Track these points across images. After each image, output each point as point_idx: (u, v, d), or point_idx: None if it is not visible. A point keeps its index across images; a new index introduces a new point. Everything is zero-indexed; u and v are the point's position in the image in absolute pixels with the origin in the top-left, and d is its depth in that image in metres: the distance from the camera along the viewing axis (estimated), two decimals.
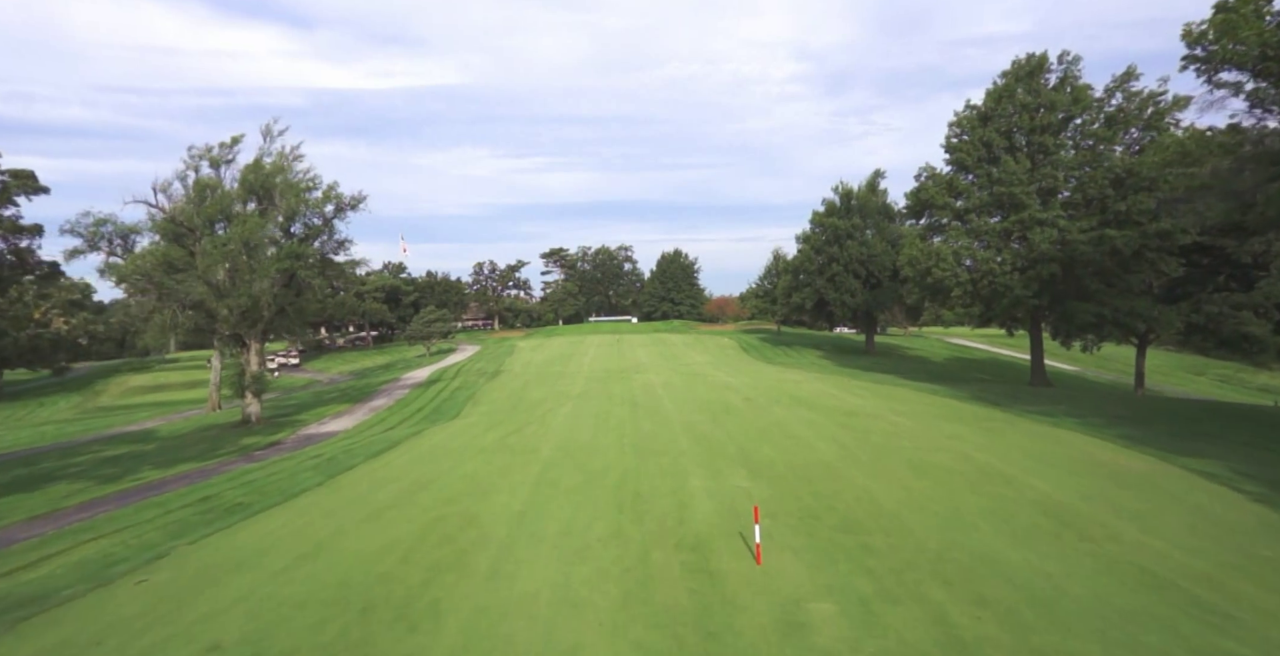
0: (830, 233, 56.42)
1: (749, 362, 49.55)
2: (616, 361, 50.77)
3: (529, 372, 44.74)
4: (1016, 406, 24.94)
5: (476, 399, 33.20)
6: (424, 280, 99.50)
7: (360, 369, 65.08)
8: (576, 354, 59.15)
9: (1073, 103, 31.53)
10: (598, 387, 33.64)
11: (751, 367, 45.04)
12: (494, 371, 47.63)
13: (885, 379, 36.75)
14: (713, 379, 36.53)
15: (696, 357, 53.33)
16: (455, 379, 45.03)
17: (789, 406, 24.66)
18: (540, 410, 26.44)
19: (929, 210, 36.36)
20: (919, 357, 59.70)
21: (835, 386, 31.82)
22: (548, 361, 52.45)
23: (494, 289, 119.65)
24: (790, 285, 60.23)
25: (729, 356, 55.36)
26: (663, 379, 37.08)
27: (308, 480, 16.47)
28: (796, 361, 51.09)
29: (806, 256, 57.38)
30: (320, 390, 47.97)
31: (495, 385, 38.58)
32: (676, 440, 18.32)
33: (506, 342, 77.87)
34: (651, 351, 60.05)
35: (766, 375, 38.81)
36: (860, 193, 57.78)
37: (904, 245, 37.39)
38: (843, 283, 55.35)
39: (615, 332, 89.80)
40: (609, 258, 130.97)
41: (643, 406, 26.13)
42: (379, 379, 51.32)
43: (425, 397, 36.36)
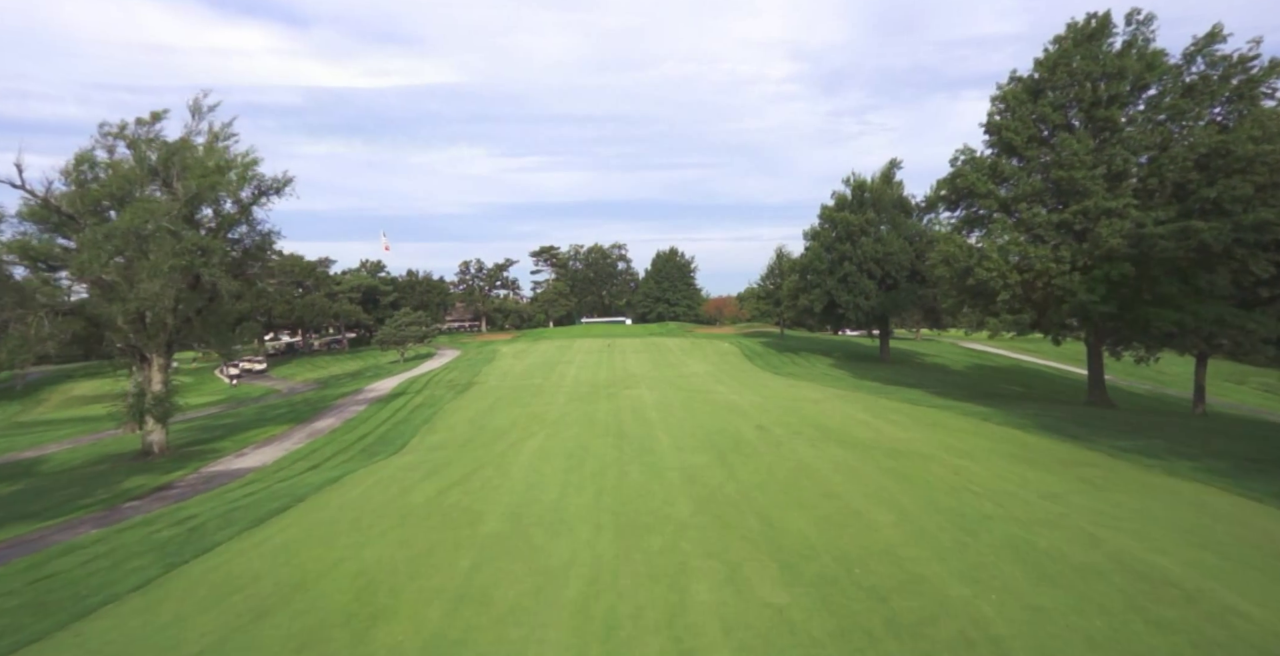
0: (842, 228, 51.26)
1: (754, 373, 44.34)
2: (606, 371, 45.51)
3: (504, 386, 39.43)
4: (1100, 440, 19.75)
5: (434, 423, 27.87)
6: (404, 279, 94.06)
7: (327, 377, 59.65)
8: (562, 361, 53.84)
9: (1146, 69, 26.40)
10: (579, 409, 28.38)
11: (758, 380, 39.84)
12: (466, 383, 42.30)
13: (915, 396, 31.58)
14: (715, 396, 31.31)
15: (695, 366, 48.10)
16: (421, 392, 39.69)
17: (815, 441, 19.44)
18: (503, 443, 21.15)
19: (966, 200, 31.19)
20: (937, 366, 54.64)
21: (862, 407, 26.64)
22: (529, 371, 47.16)
23: (481, 289, 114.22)
24: (797, 286, 55.06)
25: (731, 365, 50.14)
26: (657, 396, 31.84)
27: (128, 578, 11.15)
28: (806, 371, 45.90)
29: (815, 254, 52.21)
30: (271, 404, 42.56)
31: (462, 403, 33.26)
32: (673, 502, 13.08)
33: (489, 347, 72.53)
34: (645, 359, 54.80)
35: (777, 391, 33.60)
36: (874, 185, 52.65)
37: (938, 241, 32.20)
38: (856, 283, 50.19)
39: (607, 336, 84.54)
40: (602, 256, 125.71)
41: (631, 439, 20.86)
42: (339, 391, 45.94)
43: (377, 419, 31.02)
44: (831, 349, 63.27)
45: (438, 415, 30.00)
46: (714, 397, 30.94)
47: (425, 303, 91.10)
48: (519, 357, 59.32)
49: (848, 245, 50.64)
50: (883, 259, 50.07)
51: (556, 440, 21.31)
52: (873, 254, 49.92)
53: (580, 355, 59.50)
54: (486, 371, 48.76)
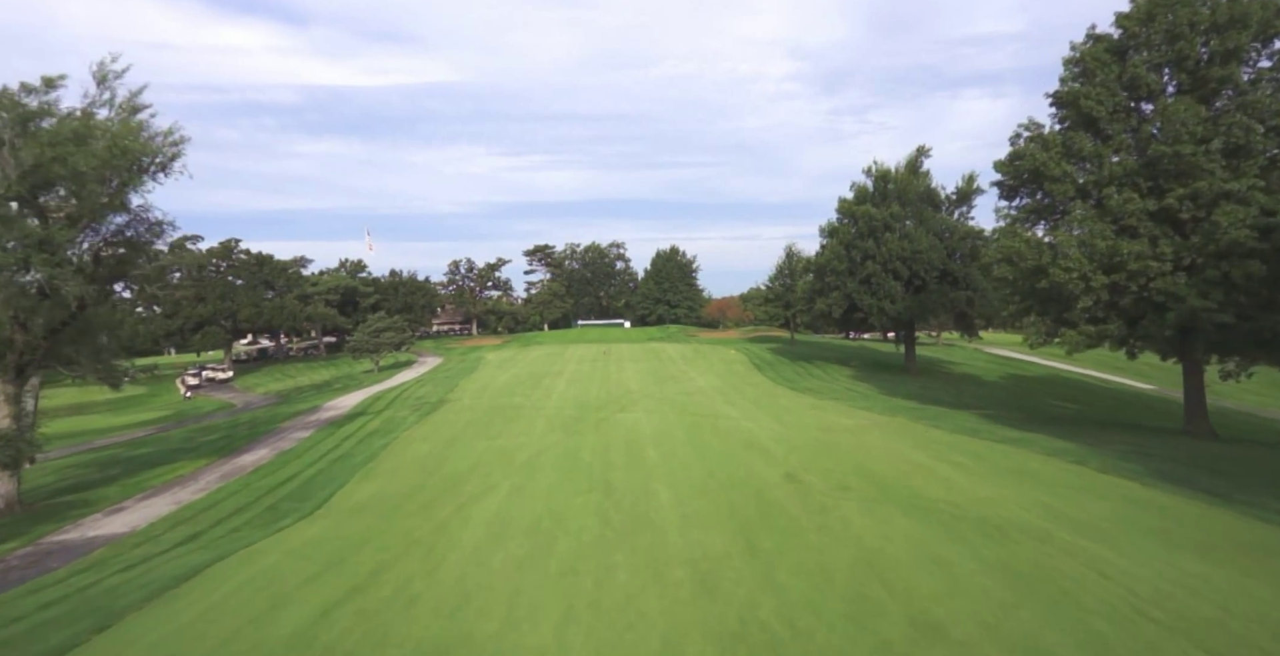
0: (864, 224, 45.72)
1: (767, 388, 38.81)
2: (598, 386, 39.98)
3: (479, 406, 33.89)
4: (1266, 501, 14.20)
5: (377, 463, 22.31)
6: (386, 280, 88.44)
7: (292, 388, 54.09)
8: (551, 372, 48.30)
9: (1276, 15, 20.89)
10: (560, 444, 22.86)
11: (773, 398, 34.32)
12: (437, 401, 36.75)
13: (968, 423, 26.05)
14: (727, 423, 25.81)
15: (699, 380, 42.57)
16: (382, 414, 34.14)
17: (871, 503, 13.98)
18: (449, 505, 15.66)
19: (1031, 185, 25.64)
20: (968, 376, 49.14)
21: (912, 442, 21.13)
22: (511, 385, 41.62)
23: (472, 290, 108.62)
24: (813, 288, 49.52)
25: (739, 377, 44.61)
26: (656, 423, 26.34)
27: None
28: (826, 386, 40.37)
29: (834, 253, 46.67)
30: (210, 425, 37.02)
31: (422, 431, 27.71)
32: (682, 643, 7.61)
33: (474, 354, 66.96)
34: (644, 369, 49.26)
35: (799, 415, 28.10)
36: (899, 175, 47.14)
37: (998, 236, 26.58)
38: (880, 285, 44.65)
39: (603, 341, 79.02)
40: (600, 256, 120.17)
41: (621, 498, 15.39)
42: (295, 408, 40.41)
43: (315, 452, 25.48)
44: (848, 356, 57.73)
45: (388, 449, 24.46)
46: (725, 425, 25.43)
47: (410, 305, 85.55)
48: (504, 367, 53.76)
49: (870, 242, 45.11)
50: (910, 257, 44.56)
51: (521, 499, 15.81)
52: (899, 252, 44.40)
53: (572, 364, 53.95)
54: (464, 385, 43.20)
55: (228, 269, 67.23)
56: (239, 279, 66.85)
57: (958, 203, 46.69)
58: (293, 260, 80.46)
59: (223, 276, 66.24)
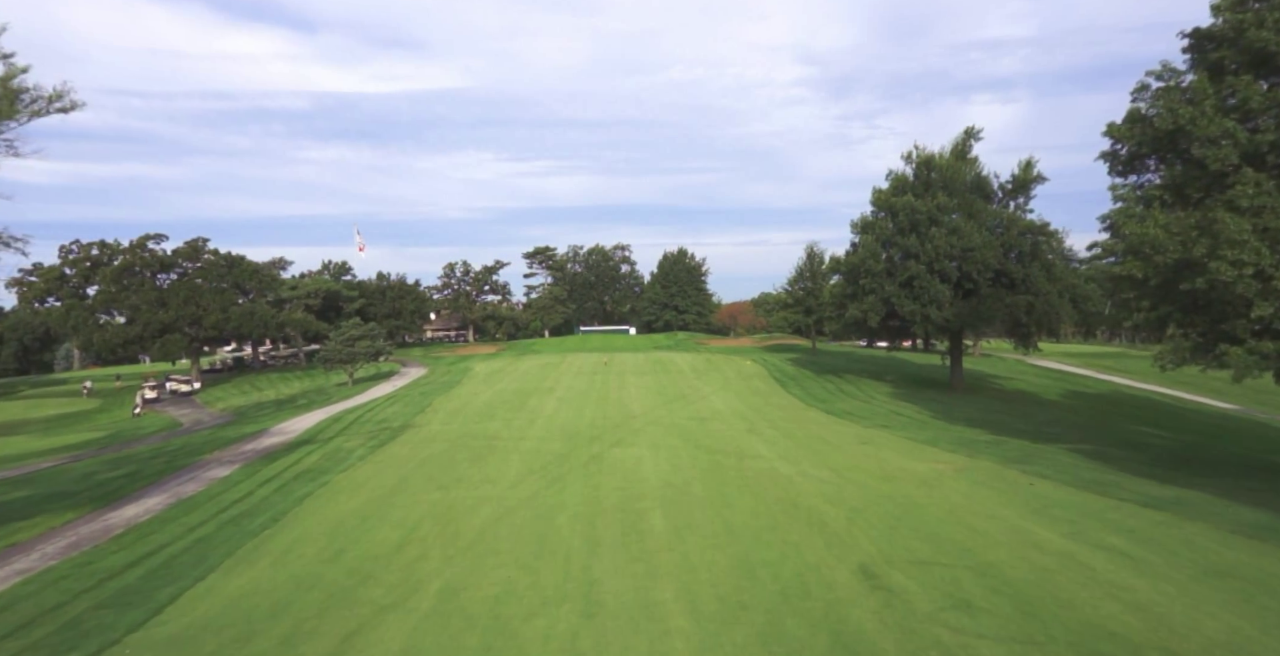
0: (904, 218, 39.40)
1: (799, 411, 32.46)
2: (595, 406, 33.71)
3: (446, 434, 27.69)
4: None
5: (280, 528, 16.10)
6: (373, 284, 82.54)
7: (255, 404, 48.13)
8: (542, 388, 42.07)
9: None
10: (532, 501, 16.65)
11: (808, 425, 28.01)
12: (400, 426, 30.61)
13: (1077, 468, 19.67)
14: (758, 466, 19.57)
15: (715, 398, 36.25)
16: (330, 442, 28.01)
17: (1017, 641, 7.79)
18: (332, 635, 9.51)
19: (1165, 152, 19.33)
20: (1024, 394, 42.65)
21: (1023, 506, 14.83)
22: (492, 405, 35.39)
23: (468, 294, 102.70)
24: (844, 292, 43.16)
25: (762, 395, 38.28)
26: (665, 466, 20.09)
27: None
28: (868, 407, 33.98)
29: (870, 252, 40.33)
30: (128, 454, 30.97)
31: (361, 474, 21.51)
32: None
33: (462, 364, 60.85)
34: (650, 384, 42.98)
35: (850, 452, 21.79)
36: (944, 161, 40.85)
37: (1116, 220, 20.10)
38: (926, 288, 38.28)
39: (606, 349, 72.80)
40: (604, 258, 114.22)
41: (606, 620, 9.28)
42: (240, 431, 34.37)
43: (213, 506, 19.29)
44: (880, 369, 51.28)
45: (306, 503, 18.26)
46: (756, 470, 19.15)
47: (398, 310, 79.66)
48: (491, 381, 47.58)
49: (913, 239, 38.78)
50: (960, 256, 38.22)
51: (450, 624, 9.68)
52: (946, 250, 38.06)
53: (568, 378, 47.73)
54: (439, 404, 37.03)
55: (196, 271, 61.50)
56: (207, 281, 61.08)
57: (1013, 192, 40.36)
58: (271, 262, 74.90)
59: (189, 279, 60.50)
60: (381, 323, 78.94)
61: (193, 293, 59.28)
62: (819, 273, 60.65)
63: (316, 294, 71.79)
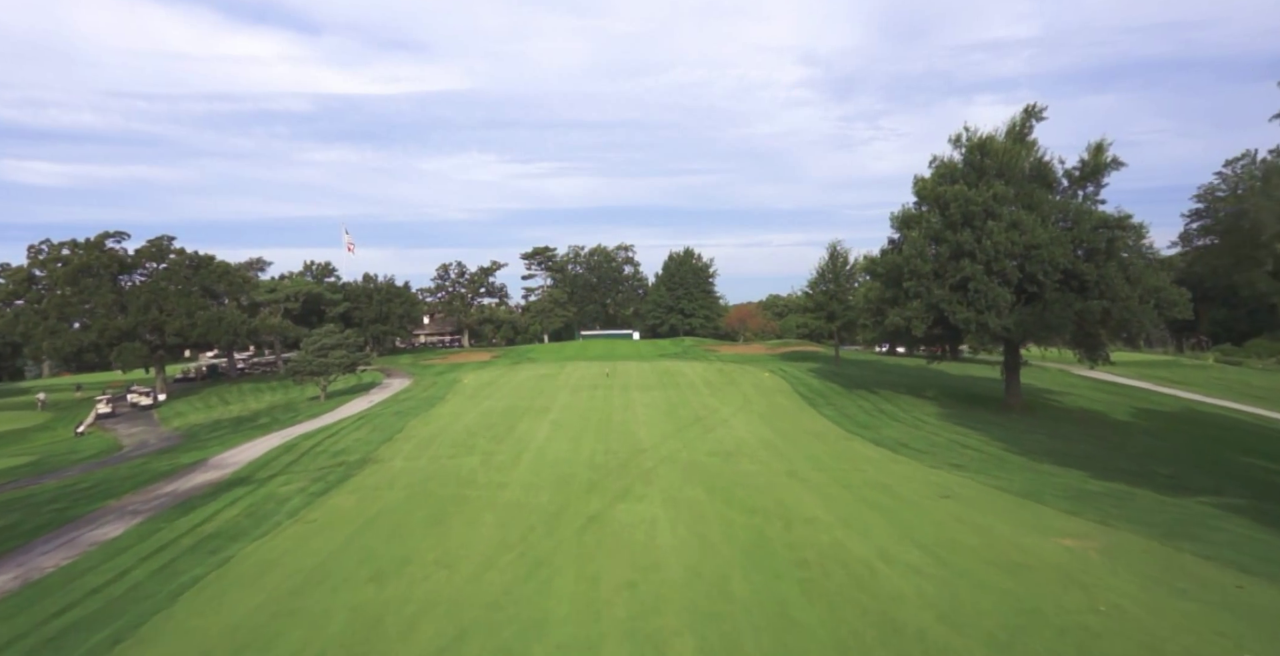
0: (958, 210, 33.88)
1: (841, 441, 26.91)
2: (594, 435, 28.21)
3: (408, 478, 22.20)
4: None
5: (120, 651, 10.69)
6: (358, 286, 77.19)
7: (212, 422, 42.78)
8: (535, 407, 36.58)
9: None
10: (495, 612, 11.18)
11: (859, 464, 22.50)
12: (357, 461, 25.19)
13: (1252, 540, 14.22)
14: (816, 539, 14.10)
15: (737, 422, 30.76)
16: (265, 486, 22.59)
17: None
18: None
19: None
20: (1091, 414, 37.07)
21: (1255, 632, 9.36)
22: (473, 431, 29.90)
23: (463, 297, 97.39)
24: (880, 297, 37.61)
25: (790, 417, 32.77)
26: (688, 532, 14.69)
27: None
28: (920, 434, 28.43)
29: (916, 249, 34.78)
30: (28, 492, 25.54)
31: (277, 545, 16.08)
32: None
33: (450, 375, 55.40)
34: (658, 403, 37.48)
35: (929, 510, 16.29)
36: (1000, 145, 35.33)
37: None
38: (983, 292, 32.75)
39: (608, 357, 67.40)
40: (606, 259, 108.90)
41: None
42: (174, 461, 29.01)
43: (60, 600, 13.90)
44: (916, 382, 45.72)
45: (179, 602, 12.85)
46: (816, 546, 13.69)
47: (385, 314, 74.34)
48: (478, 397, 42.12)
49: (966, 235, 33.26)
50: (1024, 255, 32.71)
51: None
52: (1007, 248, 32.54)
53: (565, 393, 42.26)
54: (413, 429, 31.59)
55: (160, 272, 56.21)
56: (172, 284, 55.81)
57: (1081, 180, 34.83)
58: (247, 262, 69.71)
59: (152, 281, 55.22)
60: (367, 328, 73.82)
61: (155, 296, 54.03)
62: (843, 273, 55.16)
63: (296, 297, 66.50)
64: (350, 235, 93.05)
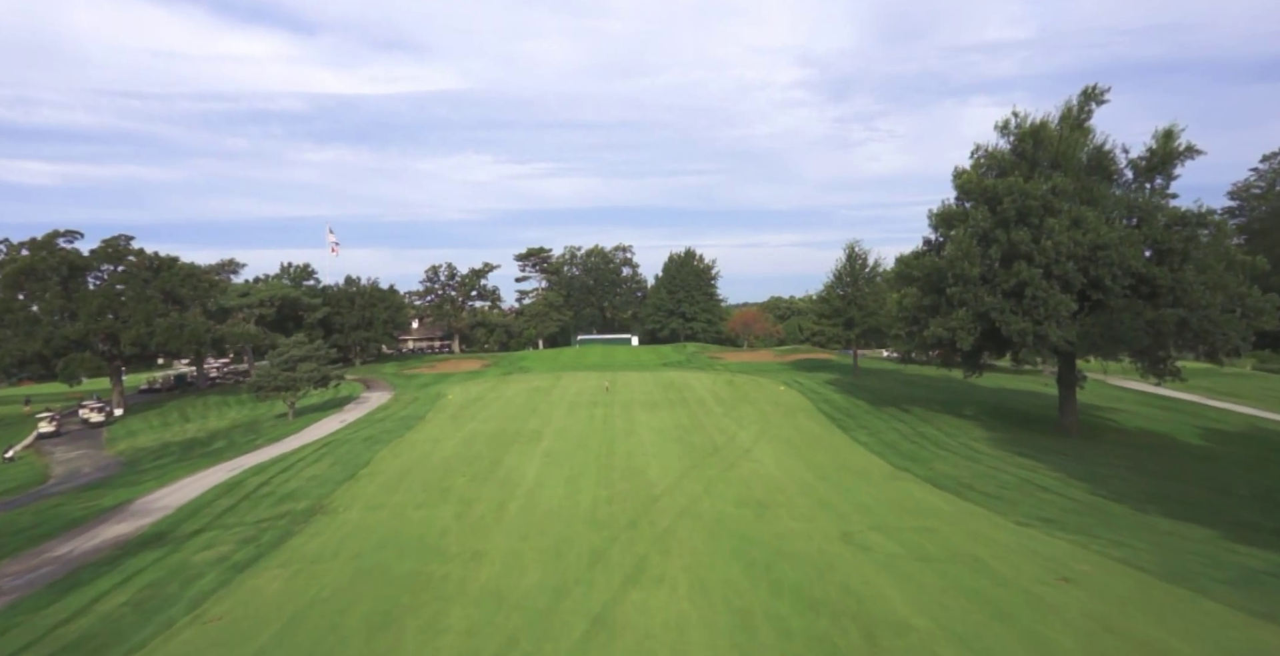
0: (1011, 205, 29.46)
1: (892, 481, 22.38)
2: (595, 478, 23.62)
3: (359, 545, 17.59)
4: None
5: None
6: (339, 290, 72.37)
7: (163, 444, 38.03)
8: (525, 433, 31.96)
9: None
10: None
11: (925, 516, 18.01)
12: (306, 510, 20.59)
13: None
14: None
15: (762, 454, 26.20)
16: (186, 545, 17.99)
17: None
18: None
19: None
20: (1154, 435, 32.72)
21: None
22: (451, 467, 25.25)
23: (454, 300, 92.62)
24: (918, 304, 33.12)
25: (823, 447, 28.24)
26: (727, 645, 10.15)
27: None
28: (985, 472, 23.93)
29: (962, 250, 30.33)
30: None
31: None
32: None
33: (435, 388, 50.69)
34: (667, 426, 32.95)
35: (1058, 605, 11.73)
36: (1056, 132, 30.98)
37: None
38: (1043, 299, 28.37)
39: (606, 365, 62.89)
40: (604, 261, 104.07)
41: None
42: (95, 503, 24.38)
43: None
44: (949, 397, 41.30)
45: None
46: None
47: (369, 319, 69.55)
48: (461, 417, 37.48)
49: (1022, 233, 28.84)
50: (1088, 257, 28.34)
51: None
52: (1069, 249, 28.16)
53: (560, 412, 37.69)
54: (381, 461, 26.96)
55: (116, 275, 51.40)
56: (130, 288, 51.00)
57: (1148, 172, 30.50)
58: (218, 264, 64.90)
59: (106, 285, 50.41)
60: (348, 334, 69.06)
61: (110, 301, 49.22)
62: (861, 276, 50.79)
63: (271, 302, 61.71)
64: (335, 235, 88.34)
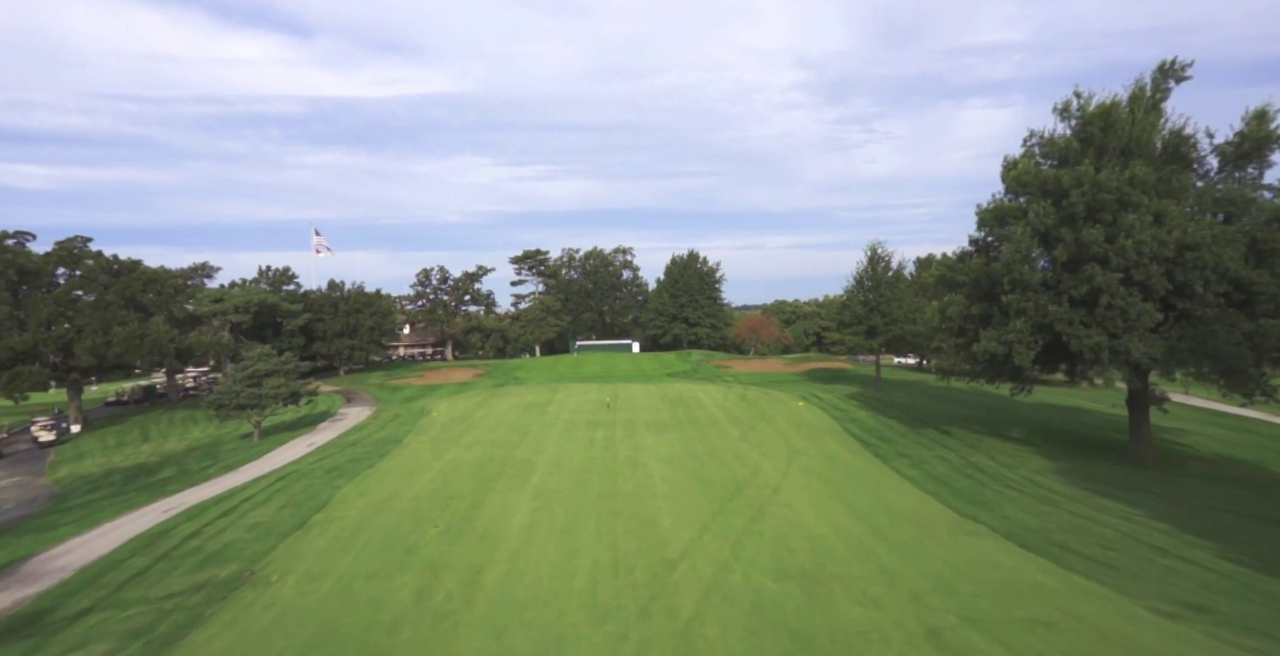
0: (1081, 199, 25.24)
1: (962, 536, 18.05)
2: (593, 527, 19.34)
3: (280, 645, 13.30)
4: None
5: None
6: (321, 294, 68.07)
7: (113, 469, 33.76)
8: (515, 463, 27.65)
9: None
10: None
11: (1031, 601, 13.72)
12: (227, 580, 16.28)
13: None
14: None
15: (795, 496, 21.91)
16: (53, 642, 13.69)
17: None
18: None
19: None
20: (1234, 463, 28.48)
21: None
22: (421, 513, 20.94)
23: (446, 305, 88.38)
24: (964, 313, 28.86)
25: (865, 484, 23.91)
26: None
27: None
28: (1070, 520, 19.58)
29: (1021, 250, 26.07)
30: None
31: None
32: None
33: (420, 403, 46.41)
34: (678, 454, 28.70)
35: None
36: (1125, 115, 26.79)
37: None
38: (1123, 309, 24.16)
39: (606, 375, 58.69)
40: (603, 263, 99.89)
41: None
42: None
43: None
44: (988, 415, 37.06)
45: None
46: None
47: (354, 327, 65.26)
48: (444, 440, 33.20)
49: (1095, 232, 24.63)
50: (1174, 259, 24.14)
51: None
52: (1152, 249, 23.96)
53: (556, 433, 33.42)
54: (340, 503, 22.66)
55: (73, 281, 47.16)
56: (87, 294, 46.79)
57: (1238, 159, 26.32)
58: (190, 268, 60.63)
59: (60, 291, 46.16)
60: (331, 342, 64.78)
61: (63, 309, 44.98)
62: (884, 280, 46.63)
63: (246, 308, 57.42)
64: (322, 236, 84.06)
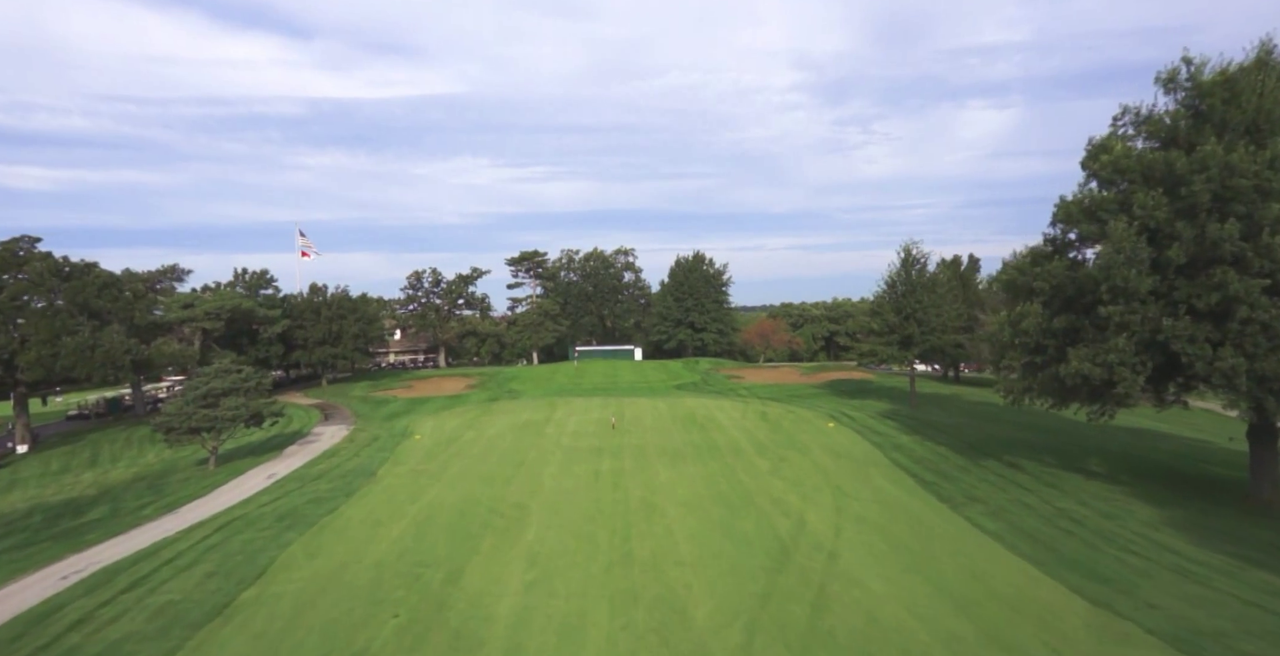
0: (1211, 186, 20.41)
1: (1113, 645, 13.26)
2: (604, 619, 14.57)
3: None
4: None
5: None
6: (302, 299, 63.21)
7: (37, 506, 28.96)
8: (504, 510, 22.78)
9: None
10: None
11: None
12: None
13: None
14: None
15: (860, 564, 17.06)
16: None
17: None
18: None
19: None
20: None
21: None
22: (379, 591, 16.15)
23: (438, 309, 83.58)
24: (1043, 327, 23.97)
25: (936, 539, 18.99)
26: None
27: None
28: (1253, 613, 14.84)
29: (1126, 252, 21.25)
30: None
31: None
32: None
33: (402, 422, 41.57)
34: (701, 498, 23.85)
35: None
36: (1256, 84, 21.97)
37: None
38: (1263, 324, 19.35)
39: (609, 387, 53.90)
40: (604, 265, 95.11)
41: None
42: None
43: None
44: (1054, 442, 32.18)
45: None
46: None
47: (337, 333, 60.46)
48: (424, 474, 28.31)
49: (1227, 227, 19.84)
50: None
51: None
52: None
53: (555, 464, 28.59)
54: (282, 568, 17.76)
55: (19, 285, 42.35)
56: (35, 299, 42.03)
57: None
58: (157, 271, 55.79)
59: (5, 296, 41.36)
60: (312, 351, 60.00)
61: (6, 316, 40.23)
62: (920, 284, 41.88)
63: (219, 314, 52.62)
64: (307, 237, 79.34)
